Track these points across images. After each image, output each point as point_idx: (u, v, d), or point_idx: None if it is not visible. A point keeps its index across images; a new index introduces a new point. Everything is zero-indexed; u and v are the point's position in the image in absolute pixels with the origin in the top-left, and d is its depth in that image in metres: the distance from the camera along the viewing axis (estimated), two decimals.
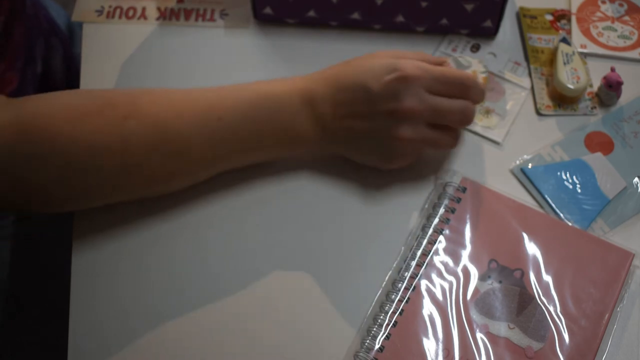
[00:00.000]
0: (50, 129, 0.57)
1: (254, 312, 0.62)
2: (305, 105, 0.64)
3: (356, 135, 0.64)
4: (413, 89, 0.62)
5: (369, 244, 0.66)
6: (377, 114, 0.62)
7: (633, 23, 0.80)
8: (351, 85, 0.63)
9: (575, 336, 0.60)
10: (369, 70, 0.63)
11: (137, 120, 0.59)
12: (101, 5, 0.79)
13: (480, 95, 0.66)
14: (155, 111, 0.60)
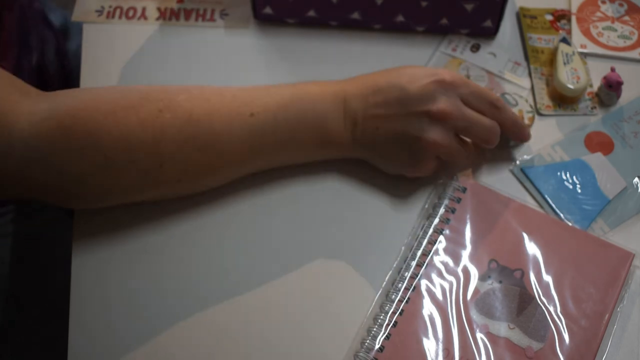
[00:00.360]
0: (90, 123, 0.58)
1: (254, 312, 0.62)
2: (337, 104, 0.64)
3: (385, 137, 0.64)
4: (449, 94, 0.63)
5: (369, 244, 0.66)
6: (410, 115, 0.63)
7: (633, 23, 0.80)
8: (386, 87, 0.63)
9: (575, 336, 0.60)
10: (407, 74, 0.63)
11: (171, 113, 0.60)
12: (101, 5, 0.79)
13: (509, 120, 0.67)
14: (190, 106, 0.61)
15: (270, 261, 0.65)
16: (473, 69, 0.76)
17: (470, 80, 0.65)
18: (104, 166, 0.59)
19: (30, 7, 0.82)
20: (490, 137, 0.66)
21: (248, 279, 0.64)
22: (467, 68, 0.76)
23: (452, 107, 0.63)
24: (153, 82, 0.74)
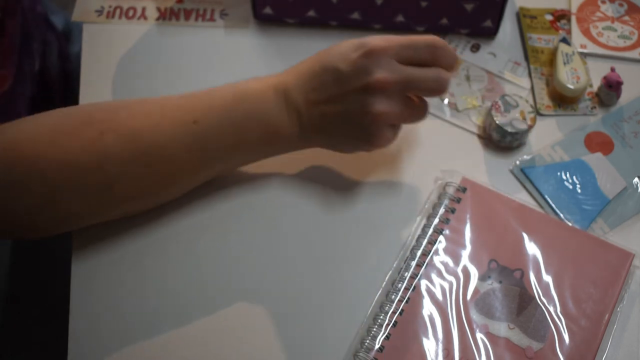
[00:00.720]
0: (30, 154, 0.57)
1: (254, 312, 0.62)
2: (279, 98, 0.63)
3: (332, 120, 0.62)
4: (382, 61, 0.60)
5: (369, 244, 0.66)
6: (350, 93, 0.61)
7: (633, 23, 0.80)
8: (320, 70, 0.62)
9: (575, 336, 0.60)
10: (336, 53, 0.62)
11: (113, 134, 0.58)
12: (101, 5, 0.79)
13: (452, 59, 0.63)
14: (131, 124, 0.59)
15: (270, 261, 0.65)
16: (473, 69, 0.76)
17: (398, 36, 0.62)
18: (51, 196, 0.58)
19: (33, 10, 0.82)
20: (438, 87, 0.63)
21: (248, 279, 0.64)
22: (467, 68, 0.76)
23: (389, 73, 0.60)
24: (153, 82, 0.74)
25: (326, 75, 0.61)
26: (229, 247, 0.65)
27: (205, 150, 0.62)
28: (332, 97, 0.61)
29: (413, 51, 0.61)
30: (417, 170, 0.70)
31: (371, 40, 0.60)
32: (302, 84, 0.62)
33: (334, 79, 0.61)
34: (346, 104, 0.61)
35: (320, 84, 0.61)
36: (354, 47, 0.61)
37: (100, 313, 0.62)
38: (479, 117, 0.73)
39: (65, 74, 0.88)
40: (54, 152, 0.57)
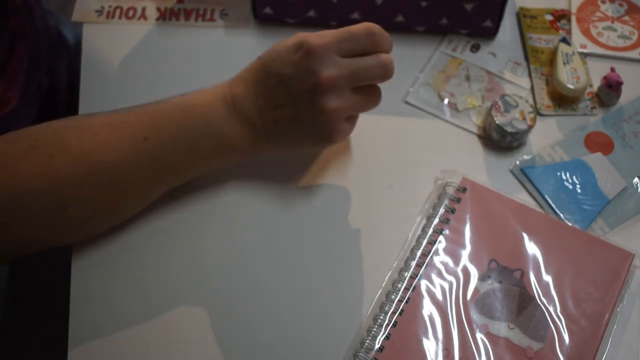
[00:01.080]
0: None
1: (254, 312, 0.62)
2: (229, 110, 0.62)
3: (287, 124, 0.62)
4: (325, 59, 0.60)
5: (369, 244, 0.66)
6: (299, 95, 0.60)
7: (633, 23, 0.80)
8: (265, 77, 0.61)
9: (575, 336, 0.60)
10: (277, 56, 0.61)
11: (63, 156, 0.58)
12: (101, 5, 0.79)
13: (389, 42, 0.63)
14: (80, 144, 0.58)
15: (270, 262, 0.65)
16: (473, 69, 0.76)
17: (334, 30, 0.61)
18: (4, 224, 0.57)
19: (45, 26, 0.81)
20: (385, 72, 0.62)
21: (249, 279, 0.64)
22: (467, 68, 0.76)
23: (333, 69, 0.60)
24: (153, 82, 0.74)
25: (272, 81, 0.61)
26: (230, 247, 0.65)
27: (157, 168, 0.61)
28: (283, 101, 0.61)
29: (352, 42, 0.61)
30: (417, 170, 0.70)
31: (309, 39, 0.60)
32: (251, 93, 0.62)
33: (280, 84, 0.61)
34: (298, 106, 0.61)
35: (268, 91, 0.61)
36: (294, 48, 0.60)
37: (101, 312, 0.62)
38: (479, 117, 0.73)
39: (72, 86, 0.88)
40: (5, 177, 0.56)
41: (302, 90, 0.60)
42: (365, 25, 0.61)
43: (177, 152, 0.61)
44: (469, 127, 0.73)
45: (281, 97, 0.61)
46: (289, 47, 0.60)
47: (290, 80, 0.60)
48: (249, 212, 0.67)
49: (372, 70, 0.61)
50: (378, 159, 0.71)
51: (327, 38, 0.60)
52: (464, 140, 0.72)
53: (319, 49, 0.59)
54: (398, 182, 0.69)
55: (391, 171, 0.70)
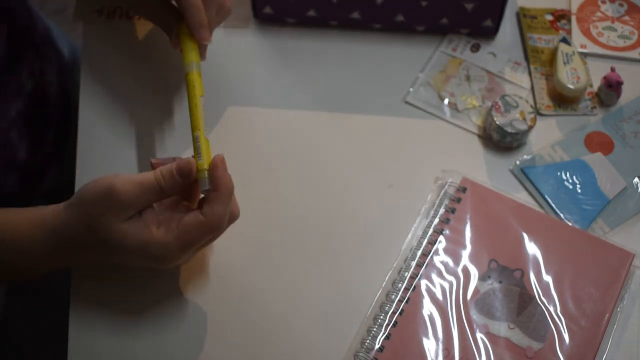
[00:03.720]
0: None
1: (254, 313, 0.62)
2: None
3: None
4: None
5: (369, 244, 0.66)
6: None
7: (633, 23, 0.80)
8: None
9: (575, 336, 0.60)
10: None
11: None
12: (101, 6, 0.79)
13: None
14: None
15: (270, 262, 0.65)
16: (473, 69, 0.76)
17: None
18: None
19: (29, 28, 0.81)
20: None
21: (248, 279, 0.64)
22: (467, 68, 0.76)
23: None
24: (153, 82, 0.74)
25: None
26: (231, 247, 0.65)
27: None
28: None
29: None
30: (417, 170, 0.70)
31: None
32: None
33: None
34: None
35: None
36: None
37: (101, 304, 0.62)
38: (479, 117, 0.73)
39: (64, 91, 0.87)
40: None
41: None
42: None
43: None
44: (469, 127, 0.73)
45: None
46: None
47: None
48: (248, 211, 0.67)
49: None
50: (378, 159, 0.71)
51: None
52: (464, 140, 0.72)
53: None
54: (398, 182, 0.69)
55: (391, 171, 0.70)
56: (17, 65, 0.75)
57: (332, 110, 0.73)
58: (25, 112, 0.77)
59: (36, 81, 0.79)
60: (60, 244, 0.58)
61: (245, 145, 0.71)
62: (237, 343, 0.61)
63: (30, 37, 0.79)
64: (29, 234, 0.58)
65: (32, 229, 0.58)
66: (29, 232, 0.58)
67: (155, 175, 0.56)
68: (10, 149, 0.75)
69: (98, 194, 0.56)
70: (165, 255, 0.56)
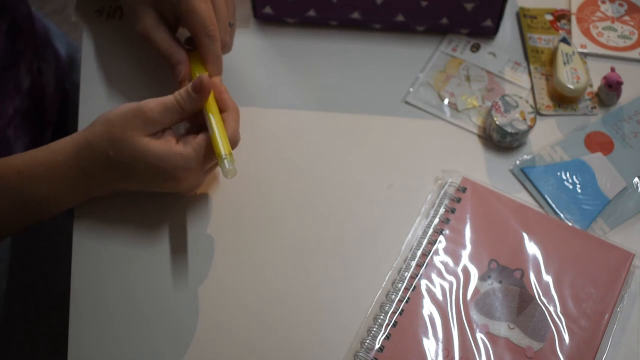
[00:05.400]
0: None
1: (255, 312, 0.62)
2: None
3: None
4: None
5: (369, 244, 0.66)
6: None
7: (633, 23, 0.80)
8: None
9: (575, 336, 0.60)
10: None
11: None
12: (101, 5, 0.79)
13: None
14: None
15: (270, 262, 0.65)
16: (473, 69, 0.76)
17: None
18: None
19: (29, 27, 0.81)
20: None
21: (249, 279, 0.64)
22: (467, 68, 0.76)
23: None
24: (153, 82, 0.74)
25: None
26: (230, 246, 0.65)
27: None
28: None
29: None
30: (417, 170, 0.70)
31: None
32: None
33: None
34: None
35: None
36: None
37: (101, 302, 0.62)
38: (479, 117, 0.73)
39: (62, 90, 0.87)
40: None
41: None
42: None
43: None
44: (469, 127, 0.73)
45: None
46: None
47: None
48: (248, 210, 0.67)
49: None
50: (378, 159, 0.71)
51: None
52: (464, 140, 0.72)
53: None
54: (398, 182, 0.69)
55: (391, 171, 0.70)
56: (15, 63, 0.76)
57: (332, 110, 0.73)
58: (23, 111, 0.77)
59: (33, 80, 0.79)
60: (83, 163, 0.61)
61: (245, 145, 0.71)
62: (237, 343, 0.61)
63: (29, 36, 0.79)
64: (48, 160, 0.61)
65: (50, 154, 0.62)
66: (48, 158, 0.62)
67: (174, 95, 0.62)
68: (6, 147, 0.75)
69: (124, 113, 0.61)
70: (184, 166, 0.60)
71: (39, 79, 0.81)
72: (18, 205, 0.61)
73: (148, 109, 0.61)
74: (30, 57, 0.79)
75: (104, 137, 0.61)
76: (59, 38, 0.91)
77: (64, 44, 0.91)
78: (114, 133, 0.60)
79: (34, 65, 0.79)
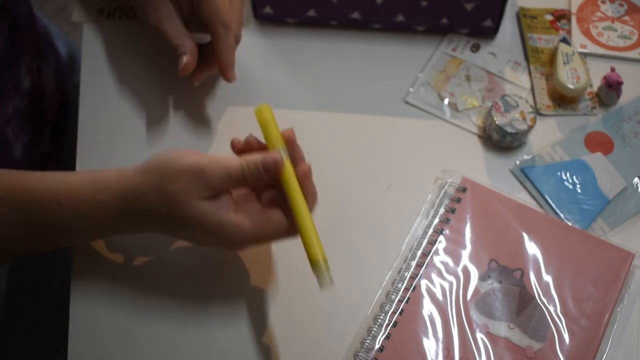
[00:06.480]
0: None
1: (255, 312, 0.62)
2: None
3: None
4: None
5: (369, 244, 0.66)
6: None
7: (633, 23, 0.80)
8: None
9: (575, 336, 0.60)
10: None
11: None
12: (101, 6, 0.79)
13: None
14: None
15: (269, 261, 0.65)
16: (473, 69, 0.76)
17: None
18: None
19: (30, 27, 0.81)
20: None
21: (247, 278, 0.64)
22: (467, 68, 0.76)
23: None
24: (153, 82, 0.74)
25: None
26: None
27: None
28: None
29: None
30: (417, 170, 0.70)
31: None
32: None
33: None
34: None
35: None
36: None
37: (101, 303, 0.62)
38: (479, 117, 0.73)
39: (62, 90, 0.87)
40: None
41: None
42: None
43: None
44: (469, 127, 0.73)
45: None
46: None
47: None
48: None
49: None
50: (378, 159, 0.71)
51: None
52: (464, 140, 0.72)
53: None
54: (398, 182, 0.69)
55: (391, 171, 0.70)
56: (15, 63, 0.76)
57: (331, 110, 0.73)
58: (22, 110, 0.77)
59: (33, 79, 0.79)
60: (128, 210, 0.58)
61: None
62: (237, 342, 0.61)
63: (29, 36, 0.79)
64: (92, 197, 0.58)
65: (95, 191, 0.58)
66: (91, 195, 0.58)
67: (241, 164, 0.57)
68: (5, 147, 0.75)
69: (183, 170, 0.56)
70: (237, 240, 0.57)
71: (38, 79, 0.81)
72: (53, 233, 0.59)
73: (210, 172, 0.56)
74: (30, 57, 0.79)
75: (156, 190, 0.57)
76: (60, 38, 0.91)
77: (64, 44, 0.91)
78: (168, 190, 0.56)
79: (34, 65, 0.79)
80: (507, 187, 0.69)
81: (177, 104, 0.73)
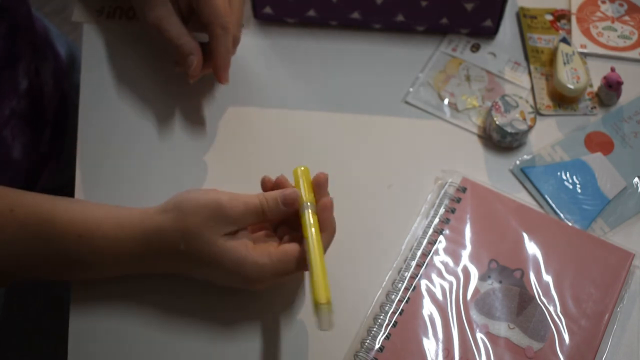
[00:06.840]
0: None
1: (255, 312, 0.62)
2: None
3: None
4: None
5: (369, 244, 0.66)
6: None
7: (633, 23, 0.80)
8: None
9: (575, 336, 0.60)
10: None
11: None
12: (101, 6, 0.79)
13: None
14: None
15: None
16: (473, 69, 0.76)
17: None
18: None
19: (29, 27, 0.81)
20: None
21: None
22: (467, 68, 0.76)
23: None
24: (153, 82, 0.74)
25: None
26: None
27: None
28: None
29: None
30: (417, 170, 0.70)
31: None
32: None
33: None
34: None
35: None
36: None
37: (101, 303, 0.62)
38: (479, 117, 0.73)
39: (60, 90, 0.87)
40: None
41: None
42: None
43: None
44: (469, 127, 0.73)
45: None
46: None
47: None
48: None
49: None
50: (378, 159, 0.71)
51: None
52: (464, 140, 0.72)
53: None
54: (398, 182, 0.69)
55: (391, 171, 0.70)
56: (14, 64, 0.76)
57: (332, 110, 0.73)
58: (20, 111, 0.77)
59: (30, 80, 0.79)
60: (150, 250, 0.58)
61: (245, 145, 0.71)
62: (236, 342, 0.61)
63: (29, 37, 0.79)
64: (114, 235, 0.58)
65: (117, 229, 0.58)
66: (113, 233, 0.58)
67: (260, 199, 0.58)
68: (3, 148, 0.75)
69: (202, 206, 0.57)
70: (258, 277, 0.57)
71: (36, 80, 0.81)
72: (71, 264, 0.59)
73: (229, 206, 0.57)
74: (28, 58, 0.79)
75: (176, 227, 0.57)
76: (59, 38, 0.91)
77: (63, 44, 0.91)
78: (188, 227, 0.56)
79: (31, 65, 0.79)
80: (507, 187, 0.69)
81: (177, 103, 0.73)
